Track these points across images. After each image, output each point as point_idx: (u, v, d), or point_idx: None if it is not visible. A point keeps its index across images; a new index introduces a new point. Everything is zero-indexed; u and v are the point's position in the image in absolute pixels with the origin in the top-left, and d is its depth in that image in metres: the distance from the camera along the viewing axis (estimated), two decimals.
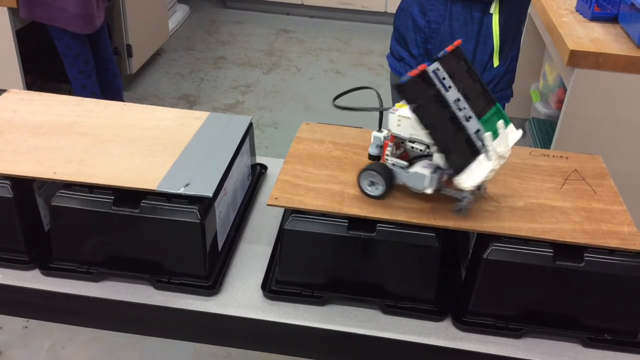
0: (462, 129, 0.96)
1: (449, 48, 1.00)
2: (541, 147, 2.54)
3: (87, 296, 1.06)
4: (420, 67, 0.93)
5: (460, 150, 0.96)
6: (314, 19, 4.68)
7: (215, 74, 3.77)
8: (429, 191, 1.00)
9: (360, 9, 4.56)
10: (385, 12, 4.52)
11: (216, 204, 1.07)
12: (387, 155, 1.04)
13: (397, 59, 1.66)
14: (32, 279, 1.09)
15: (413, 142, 1.01)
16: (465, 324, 1.03)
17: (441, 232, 1.01)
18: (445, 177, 1.00)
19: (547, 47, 2.39)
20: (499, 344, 1.01)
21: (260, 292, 1.07)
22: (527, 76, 2.97)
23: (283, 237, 1.03)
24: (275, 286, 1.07)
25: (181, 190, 1.02)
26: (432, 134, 0.93)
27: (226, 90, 3.60)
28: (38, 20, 2.35)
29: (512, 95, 1.62)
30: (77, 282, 1.08)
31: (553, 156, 1.21)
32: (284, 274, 1.07)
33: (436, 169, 1.00)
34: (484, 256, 0.99)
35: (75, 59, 2.48)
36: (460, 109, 0.97)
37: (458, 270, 1.11)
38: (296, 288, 1.06)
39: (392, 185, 1.03)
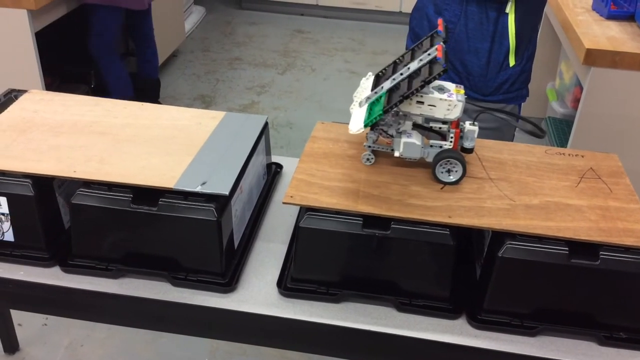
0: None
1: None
2: (558, 147, 2.52)
3: (106, 292, 1.08)
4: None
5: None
6: (329, 19, 4.68)
7: (231, 75, 3.79)
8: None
9: (375, 8, 4.55)
10: (400, 12, 4.51)
11: (232, 202, 1.08)
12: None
13: None
14: (52, 276, 1.11)
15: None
16: (480, 322, 1.03)
17: (456, 230, 1.01)
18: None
19: (563, 46, 2.38)
20: (514, 342, 1.01)
21: (275, 289, 1.08)
22: (543, 75, 2.95)
23: (298, 235, 1.04)
24: (290, 283, 1.08)
25: (198, 189, 1.04)
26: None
27: (241, 90, 3.62)
28: (93, 1, 2.50)
29: (527, 95, 1.62)
30: (96, 279, 1.10)
31: (569, 155, 1.20)
32: (299, 271, 1.08)
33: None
34: (499, 254, 0.99)
35: (111, 37, 2.65)
36: (393, 77, 1.05)
37: (473, 268, 1.12)
38: (311, 285, 1.07)
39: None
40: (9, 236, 1.12)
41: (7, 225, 1.11)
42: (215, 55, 4.04)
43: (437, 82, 1.08)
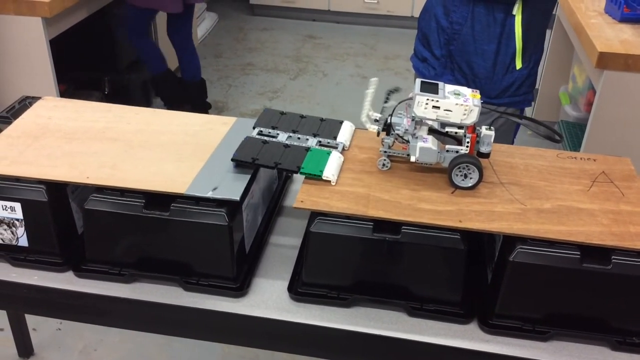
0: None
1: None
2: (571, 150, 2.51)
3: (118, 297, 1.09)
4: None
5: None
6: (340, 25, 4.69)
7: (243, 80, 3.81)
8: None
9: (386, 13, 4.56)
10: (411, 17, 4.51)
11: (243, 207, 1.09)
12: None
13: (421, 60, 1.66)
14: (65, 281, 1.12)
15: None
16: (491, 327, 1.03)
17: (467, 234, 1.01)
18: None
19: (576, 49, 2.37)
20: (525, 347, 1.01)
21: (286, 293, 1.08)
22: (556, 78, 2.94)
23: (309, 240, 1.04)
24: (301, 288, 1.08)
25: (209, 194, 1.05)
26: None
27: (254, 96, 3.63)
28: (138, 5, 2.71)
29: (533, 100, 1.61)
30: (109, 284, 1.11)
31: (581, 158, 1.20)
32: (310, 276, 1.08)
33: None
34: (510, 258, 0.98)
35: (140, 28, 2.86)
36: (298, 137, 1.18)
37: (484, 273, 1.11)
38: (322, 290, 1.07)
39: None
40: (23, 241, 1.13)
41: (21, 230, 1.12)
42: (228, 61, 4.06)
43: (453, 87, 1.08)
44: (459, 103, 1.05)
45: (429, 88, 1.07)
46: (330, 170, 1.09)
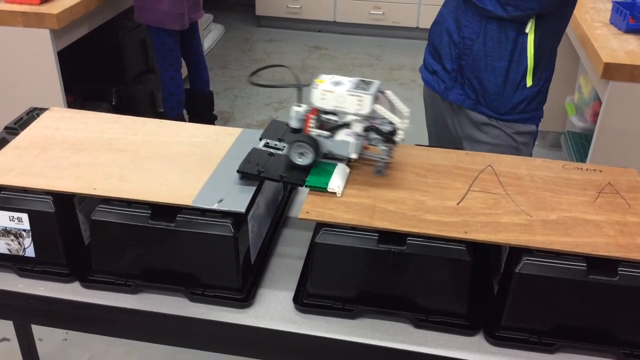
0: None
1: None
2: (577, 161, 2.50)
3: (124, 308, 1.09)
4: None
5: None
6: (346, 35, 4.71)
7: (249, 91, 3.82)
8: (353, 156, 1.11)
9: (392, 24, 4.57)
10: (417, 28, 4.53)
11: (249, 218, 1.09)
12: (311, 127, 1.12)
13: (430, 72, 1.66)
14: (72, 291, 1.12)
15: (335, 113, 1.10)
16: (497, 339, 1.02)
17: (472, 245, 1.01)
18: (365, 143, 1.12)
19: (582, 60, 2.37)
20: (532, 359, 1.00)
21: (292, 305, 1.08)
22: (562, 89, 2.94)
23: (314, 251, 1.05)
24: (306, 299, 1.08)
25: (215, 206, 1.05)
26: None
27: (259, 107, 3.65)
28: (142, 22, 2.73)
29: (542, 116, 1.60)
30: (115, 294, 1.11)
31: (586, 170, 1.20)
32: (315, 287, 1.08)
33: (357, 136, 1.09)
34: (516, 270, 0.98)
35: (168, 53, 2.78)
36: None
37: (490, 284, 1.11)
38: (327, 301, 1.07)
39: (319, 154, 1.12)
40: (30, 252, 1.14)
41: (28, 241, 1.13)
42: (234, 72, 4.08)
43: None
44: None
45: None
46: (336, 182, 1.09)
